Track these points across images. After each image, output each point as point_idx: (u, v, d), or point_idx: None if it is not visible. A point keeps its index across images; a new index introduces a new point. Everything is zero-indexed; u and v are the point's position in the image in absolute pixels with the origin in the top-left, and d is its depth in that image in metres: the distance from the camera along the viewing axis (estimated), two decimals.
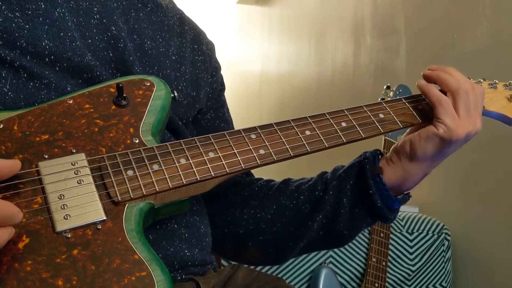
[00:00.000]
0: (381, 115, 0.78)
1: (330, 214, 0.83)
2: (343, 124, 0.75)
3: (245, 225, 0.88)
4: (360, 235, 1.62)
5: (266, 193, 0.90)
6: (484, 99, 0.81)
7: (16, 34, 0.66)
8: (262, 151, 0.68)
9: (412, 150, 0.79)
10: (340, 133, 0.74)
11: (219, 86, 0.97)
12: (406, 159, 0.80)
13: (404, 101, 0.81)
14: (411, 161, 0.80)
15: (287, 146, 0.70)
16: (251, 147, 0.68)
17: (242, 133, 0.69)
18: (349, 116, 0.76)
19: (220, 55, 1.01)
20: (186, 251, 0.76)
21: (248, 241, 0.88)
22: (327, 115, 0.75)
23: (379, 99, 1.66)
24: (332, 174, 0.87)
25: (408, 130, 0.84)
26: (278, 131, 0.71)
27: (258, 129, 0.70)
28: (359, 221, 0.84)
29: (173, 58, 0.84)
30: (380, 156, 0.85)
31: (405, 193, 0.84)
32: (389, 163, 0.82)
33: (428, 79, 0.82)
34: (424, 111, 0.80)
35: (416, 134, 0.78)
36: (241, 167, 0.66)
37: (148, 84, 0.71)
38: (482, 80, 0.89)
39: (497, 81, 0.90)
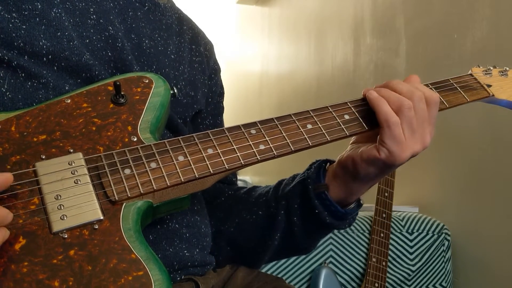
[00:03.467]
0: None
1: (285, 232, 0.84)
2: (346, 117, 0.73)
3: (213, 238, 0.88)
4: (360, 235, 1.62)
5: (231, 204, 0.90)
6: (438, 107, 0.75)
7: (14, 34, 0.66)
8: (262, 147, 0.67)
9: (355, 170, 0.76)
10: (342, 126, 0.73)
11: (219, 89, 0.97)
12: (349, 177, 0.78)
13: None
14: (354, 180, 0.77)
15: (288, 141, 0.69)
16: (251, 143, 0.67)
17: (242, 128, 0.68)
18: (352, 108, 0.74)
19: (220, 55, 1.00)
20: (185, 251, 0.76)
21: (217, 253, 0.88)
22: (329, 108, 0.73)
23: None
24: (282, 189, 0.86)
25: (355, 137, 0.80)
26: (278, 126, 0.70)
27: (258, 124, 0.69)
28: (315, 234, 0.85)
29: (172, 57, 0.84)
30: (327, 166, 0.83)
31: (356, 201, 0.82)
32: (335, 177, 0.80)
33: (370, 98, 0.74)
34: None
35: (358, 154, 0.75)
36: (241, 163, 0.65)
37: (147, 81, 0.70)
38: (492, 68, 0.87)
39: (507, 69, 0.87)
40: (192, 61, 0.89)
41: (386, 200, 1.62)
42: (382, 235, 1.59)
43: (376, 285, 1.54)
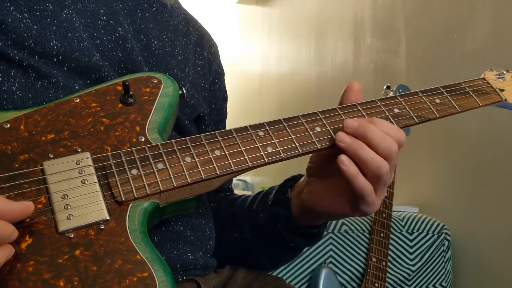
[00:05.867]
0: (396, 110, 0.73)
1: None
2: None
3: None
4: (360, 235, 1.62)
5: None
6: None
7: (25, 35, 0.66)
8: (270, 149, 0.66)
9: (320, 217, 0.77)
10: None
11: (222, 93, 0.97)
12: (314, 218, 0.78)
13: (420, 94, 0.76)
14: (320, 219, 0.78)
15: (296, 144, 0.67)
16: (258, 145, 0.66)
17: (250, 130, 0.67)
18: (362, 111, 0.72)
19: (221, 55, 1.00)
20: (189, 254, 0.76)
21: None
22: (338, 111, 0.72)
23: None
24: (255, 214, 0.86)
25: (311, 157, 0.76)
26: (286, 128, 0.68)
27: (266, 126, 0.68)
28: (299, 248, 0.86)
29: (179, 58, 0.84)
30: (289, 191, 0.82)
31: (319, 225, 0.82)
32: (302, 214, 0.78)
33: (345, 149, 0.67)
34: (443, 105, 0.76)
35: (328, 207, 0.73)
36: (248, 165, 0.64)
37: (156, 81, 0.70)
38: (505, 72, 0.85)
39: None
40: (195, 64, 0.89)
41: (386, 200, 1.62)
42: (382, 235, 1.59)
43: (376, 285, 1.54)
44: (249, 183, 3.77)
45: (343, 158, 0.65)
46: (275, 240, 0.82)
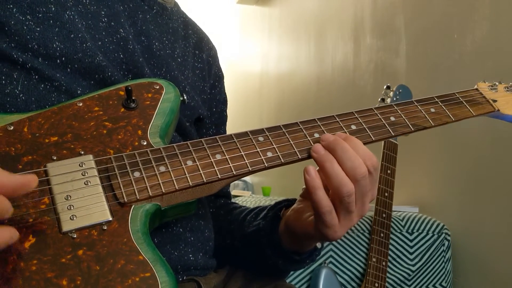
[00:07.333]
0: (392, 118, 0.75)
1: (255, 265, 0.87)
2: (353, 127, 0.73)
3: None
4: (360, 235, 1.63)
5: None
6: (378, 171, 0.70)
7: (28, 37, 0.67)
8: (269, 154, 0.67)
9: (299, 238, 0.77)
10: None
11: (223, 96, 0.97)
12: (296, 239, 0.78)
13: (416, 104, 0.78)
14: (301, 241, 0.78)
15: (296, 150, 0.69)
16: (258, 150, 0.67)
17: (250, 135, 0.68)
18: (359, 118, 0.74)
19: (220, 55, 1.00)
20: (190, 255, 0.76)
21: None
22: (336, 118, 0.73)
23: (379, 99, 1.66)
24: (245, 228, 0.87)
25: (300, 204, 0.78)
26: (286, 134, 0.70)
27: (266, 132, 0.69)
28: (281, 270, 0.85)
29: (179, 60, 0.85)
30: (282, 212, 0.82)
31: (314, 246, 0.81)
32: (286, 232, 0.79)
33: (316, 161, 0.68)
34: (438, 114, 0.78)
35: (298, 226, 0.75)
36: (248, 169, 0.66)
37: (158, 87, 0.71)
38: (497, 83, 0.87)
39: None
40: (194, 67, 0.90)
41: (386, 200, 1.63)
42: (382, 235, 1.59)
43: (376, 285, 1.54)
44: (249, 183, 3.77)
45: (310, 168, 0.66)
46: (258, 253, 0.83)
